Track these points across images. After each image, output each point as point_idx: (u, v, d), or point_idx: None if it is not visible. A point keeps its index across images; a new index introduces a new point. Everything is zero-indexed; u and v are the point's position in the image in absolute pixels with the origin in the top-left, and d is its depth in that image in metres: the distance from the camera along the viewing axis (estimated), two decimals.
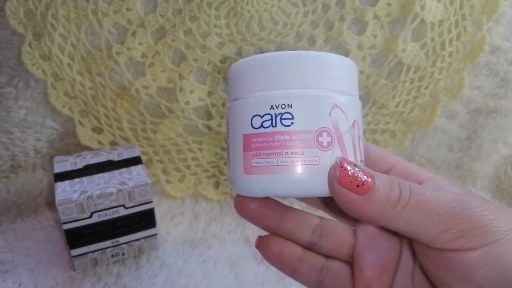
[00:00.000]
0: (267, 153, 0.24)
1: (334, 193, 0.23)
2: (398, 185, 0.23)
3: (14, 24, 0.43)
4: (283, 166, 0.24)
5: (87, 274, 0.42)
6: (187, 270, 0.44)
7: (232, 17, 0.43)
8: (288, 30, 0.44)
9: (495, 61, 0.48)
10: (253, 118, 0.25)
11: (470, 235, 0.22)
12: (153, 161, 0.52)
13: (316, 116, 0.24)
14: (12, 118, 0.46)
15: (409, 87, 0.48)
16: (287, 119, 0.24)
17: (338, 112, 0.24)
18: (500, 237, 0.22)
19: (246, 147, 0.25)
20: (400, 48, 0.46)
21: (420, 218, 0.23)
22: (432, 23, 0.45)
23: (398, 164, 0.29)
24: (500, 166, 0.56)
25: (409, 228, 0.23)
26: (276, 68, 0.25)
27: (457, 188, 0.25)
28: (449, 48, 0.46)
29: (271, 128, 0.24)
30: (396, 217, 0.23)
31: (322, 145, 0.24)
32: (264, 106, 0.24)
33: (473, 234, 0.22)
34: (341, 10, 0.44)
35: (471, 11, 0.45)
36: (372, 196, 0.23)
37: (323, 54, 0.25)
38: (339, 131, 0.24)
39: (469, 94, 0.50)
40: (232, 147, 0.26)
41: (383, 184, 0.23)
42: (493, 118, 0.52)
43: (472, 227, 0.22)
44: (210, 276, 0.43)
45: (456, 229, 0.22)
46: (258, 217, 0.28)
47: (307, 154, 0.24)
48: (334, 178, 0.23)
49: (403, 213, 0.23)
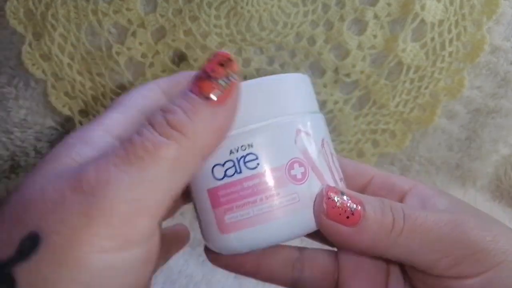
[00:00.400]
0: (240, 204, 0.21)
1: (322, 227, 0.22)
2: (390, 209, 0.22)
3: (14, 24, 0.43)
4: (261, 214, 0.21)
5: None
6: (187, 270, 0.44)
7: (232, 17, 0.43)
8: (288, 30, 0.44)
9: (495, 61, 0.48)
10: (214, 168, 0.22)
11: (469, 261, 0.21)
12: None
13: (282, 148, 0.22)
14: (12, 118, 0.46)
15: (409, 87, 0.48)
16: (251, 161, 0.21)
17: (304, 136, 0.22)
18: (499, 261, 0.21)
19: (215, 203, 0.22)
20: (400, 48, 0.46)
21: (417, 245, 0.21)
22: (432, 23, 0.45)
23: (376, 176, 0.26)
24: (500, 166, 0.56)
25: (405, 256, 0.22)
26: None
27: (445, 200, 0.24)
28: (449, 48, 0.46)
29: (236, 175, 0.21)
30: (391, 246, 0.21)
31: (296, 179, 0.22)
32: (222, 153, 0.21)
33: (472, 260, 0.21)
34: (341, 10, 0.44)
35: (471, 11, 0.45)
36: (364, 225, 0.21)
37: (270, 78, 0.23)
38: (310, 157, 0.22)
39: (469, 94, 0.50)
40: (199, 204, 0.23)
41: (374, 210, 0.21)
42: (493, 118, 0.52)
43: (471, 253, 0.21)
44: (210, 276, 0.43)
45: (454, 255, 0.21)
46: (235, 266, 0.26)
47: (284, 194, 0.21)
48: (322, 212, 0.21)
49: (398, 240, 0.21)
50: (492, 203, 0.53)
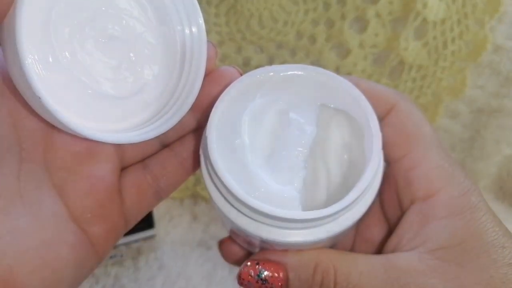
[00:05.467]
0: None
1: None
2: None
3: None
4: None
5: None
6: (186, 271, 0.43)
7: (232, 15, 0.43)
8: (288, 29, 0.44)
9: (497, 60, 0.48)
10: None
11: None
12: None
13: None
14: None
15: (411, 86, 0.48)
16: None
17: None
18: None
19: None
20: (402, 47, 0.45)
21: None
22: (434, 22, 0.45)
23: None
24: (503, 167, 0.55)
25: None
26: None
27: (460, 222, 0.23)
28: (451, 47, 0.46)
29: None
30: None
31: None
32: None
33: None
34: (342, 9, 0.44)
35: (474, 10, 0.45)
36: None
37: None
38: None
39: (472, 94, 0.50)
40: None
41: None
42: (496, 118, 0.51)
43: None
44: (209, 278, 0.43)
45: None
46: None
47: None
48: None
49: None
50: (495, 203, 0.52)
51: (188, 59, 0.25)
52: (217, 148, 0.23)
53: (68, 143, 0.23)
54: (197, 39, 0.26)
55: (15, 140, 0.22)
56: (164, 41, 0.26)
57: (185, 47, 0.26)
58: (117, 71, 0.24)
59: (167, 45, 0.26)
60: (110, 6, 0.24)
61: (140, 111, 0.25)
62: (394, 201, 0.26)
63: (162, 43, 0.26)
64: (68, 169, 0.23)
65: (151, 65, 0.25)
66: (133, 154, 0.26)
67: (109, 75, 0.24)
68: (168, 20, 0.26)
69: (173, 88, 0.26)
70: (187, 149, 0.26)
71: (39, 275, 0.20)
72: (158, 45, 0.25)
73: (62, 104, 0.22)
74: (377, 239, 0.27)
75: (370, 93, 0.25)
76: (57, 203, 0.22)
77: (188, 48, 0.26)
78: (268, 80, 0.25)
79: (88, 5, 0.23)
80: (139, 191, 0.25)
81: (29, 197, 0.21)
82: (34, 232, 0.21)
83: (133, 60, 0.25)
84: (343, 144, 0.24)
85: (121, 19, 0.24)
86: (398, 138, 0.25)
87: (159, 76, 0.26)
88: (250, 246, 0.27)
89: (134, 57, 0.25)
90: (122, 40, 0.24)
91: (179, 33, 0.26)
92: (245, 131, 0.24)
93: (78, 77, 0.23)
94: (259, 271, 0.22)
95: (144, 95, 0.25)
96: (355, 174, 0.23)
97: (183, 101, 0.25)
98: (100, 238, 0.23)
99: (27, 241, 0.20)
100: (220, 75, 0.25)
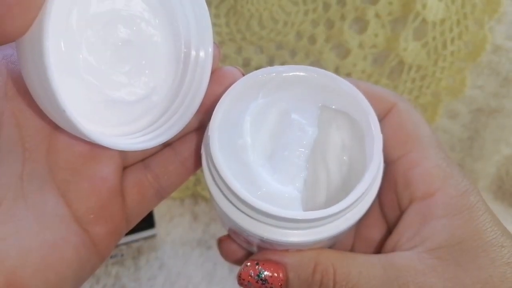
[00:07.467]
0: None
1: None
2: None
3: None
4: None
5: None
6: (187, 271, 0.43)
7: (232, 16, 0.43)
8: (288, 29, 0.44)
9: (497, 61, 0.48)
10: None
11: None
12: None
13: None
14: None
15: (411, 87, 0.48)
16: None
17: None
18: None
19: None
20: (401, 47, 0.45)
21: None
22: (434, 22, 0.45)
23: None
24: (502, 167, 0.55)
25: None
26: None
27: (459, 220, 0.24)
28: (450, 47, 0.46)
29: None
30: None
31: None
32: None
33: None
34: (342, 9, 0.44)
35: (473, 10, 0.45)
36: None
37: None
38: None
39: (471, 94, 0.50)
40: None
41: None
42: (495, 118, 0.51)
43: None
44: (210, 277, 0.43)
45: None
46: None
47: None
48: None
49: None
50: (494, 203, 0.53)
51: (193, 62, 0.25)
52: (219, 148, 0.23)
53: (71, 144, 0.23)
54: (203, 42, 0.26)
55: (18, 140, 0.22)
56: (171, 44, 0.26)
57: (190, 49, 0.26)
58: (129, 76, 0.24)
59: (174, 49, 0.26)
60: (124, 9, 0.23)
61: (147, 115, 0.25)
62: (393, 201, 0.26)
63: (169, 46, 0.25)
64: (71, 169, 0.23)
65: (159, 69, 0.25)
66: (134, 154, 0.26)
67: (122, 80, 0.24)
68: (175, 24, 0.25)
69: (178, 92, 0.26)
70: (189, 148, 0.26)
71: (42, 276, 0.20)
72: (166, 49, 0.25)
73: (79, 111, 0.21)
74: (376, 238, 0.27)
75: (369, 94, 0.25)
76: (60, 204, 0.22)
77: (194, 51, 0.26)
78: (270, 81, 0.25)
79: (103, 11, 0.23)
80: (141, 190, 0.25)
81: (32, 198, 0.21)
82: (37, 233, 0.21)
83: (143, 64, 0.25)
84: (344, 145, 0.25)
85: (134, 23, 0.24)
86: (397, 138, 0.26)
87: (166, 80, 0.26)
88: (249, 245, 0.27)
89: (144, 61, 0.25)
90: (135, 44, 0.24)
91: (185, 36, 0.26)
92: (247, 131, 0.24)
93: (93, 83, 0.22)
94: (259, 271, 0.22)
95: (152, 99, 0.25)
96: (355, 175, 0.23)
97: (189, 104, 0.25)
98: (102, 238, 0.23)
99: (30, 242, 0.21)
100: (222, 75, 0.25)
